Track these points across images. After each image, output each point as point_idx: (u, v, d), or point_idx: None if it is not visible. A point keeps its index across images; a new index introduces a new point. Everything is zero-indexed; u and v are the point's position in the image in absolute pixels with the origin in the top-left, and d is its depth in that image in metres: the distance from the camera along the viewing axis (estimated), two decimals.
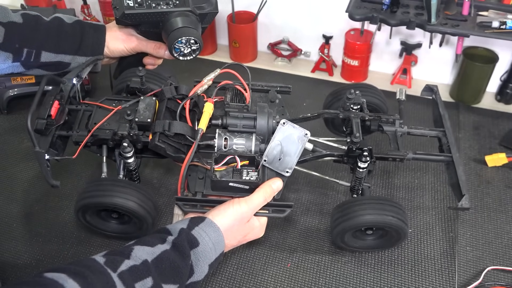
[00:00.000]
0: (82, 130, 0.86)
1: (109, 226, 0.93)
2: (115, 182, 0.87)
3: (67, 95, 0.88)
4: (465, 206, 0.85)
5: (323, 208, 1.04)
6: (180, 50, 0.89)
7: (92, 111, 0.89)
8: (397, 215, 0.85)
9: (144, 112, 0.83)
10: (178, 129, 0.79)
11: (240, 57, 1.48)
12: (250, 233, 0.75)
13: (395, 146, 0.92)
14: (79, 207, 0.85)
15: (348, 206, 0.87)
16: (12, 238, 0.98)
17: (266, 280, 0.91)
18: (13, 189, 1.08)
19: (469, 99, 1.31)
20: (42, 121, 0.82)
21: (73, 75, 0.89)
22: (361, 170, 0.86)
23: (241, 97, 0.89)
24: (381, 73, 1.42)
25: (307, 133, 0.79)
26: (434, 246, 0.97)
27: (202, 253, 0.66)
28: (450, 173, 0.93)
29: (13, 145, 1.19)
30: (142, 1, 0.85)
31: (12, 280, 0.91)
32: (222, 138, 0.80)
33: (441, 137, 0.96)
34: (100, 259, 0.58)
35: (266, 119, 0.81)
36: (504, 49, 1.24)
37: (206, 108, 0.81)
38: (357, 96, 0.93)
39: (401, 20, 1.15)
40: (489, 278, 0.92)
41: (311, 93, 1.35)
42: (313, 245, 0.97)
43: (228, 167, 0.77)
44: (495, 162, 1.12)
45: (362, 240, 0.93)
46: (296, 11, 1.39)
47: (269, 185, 0.76)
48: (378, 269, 0.93)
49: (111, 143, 0.85)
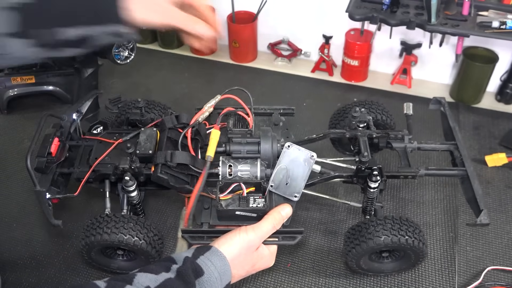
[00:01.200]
0: (83, 166, 0.85)
1: (116, 263, 0.90)
2: (119, 218, 0.83)
3: (67, 131, 0.87)
4: (484, 222, 0.80)
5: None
6: (120, 54, 0.90)
7: (92, 146, 0.87)
8: (415, 234, 0.81)
9: (145, 143, 0.81)
10: (180, 159, 0.76)
11: (240, 57, 1.48)
12: (259, 262, 0.73)
13: (405, 163, 0.89)
14: (83, 245, 0.83)
15: (361, 228, 0.83)
16: (12, 238, 0.98)
17: (266, 280, 0.91)
18: (13, 189, 1.08)
19: (469, 99, 1.31)
20: (42, 159, 0.81)
21: (73, 111, 0.89)
22: (372, 190, 0.83)
23: (244, 122, 0.87)
24: (381, 73, 1.42)
25: (313, 155, 0.76)
26: (434, 246, 0.97)
27: (207, 283, 0.63)
28: (465, 188, 0.89)
29: (13, 145, 1.19)
30: None
31: (12, 280, 0.91)
32: (226, 165, 0.77)
33: (453, 150, 0.93)
34: (101, 284, 0.57)
35: (270, 143, 0.79)
36: (504, 49, 1.24)
37: (213, 135, 0.78)
38: (363, 113, 0.90)
39: (401, 20, 1.15)
40: (489, 278, 0.91)
41: (311, 93, 1.35)
42: (312, 246, 0.97)
43: (234, 195, 0.74)
44: (495, 162, 1.12)
45: (379, 263, 0.89)
46: (296, 11, 1.39)
47: (278, 211, 0.73)
48: None
49: (113, 178, 0.84)
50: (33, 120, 1.26)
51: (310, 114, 1.27)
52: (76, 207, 1.06)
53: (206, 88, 1.38)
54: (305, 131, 1.21)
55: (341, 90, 1.37)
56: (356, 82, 1.40)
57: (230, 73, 1.44)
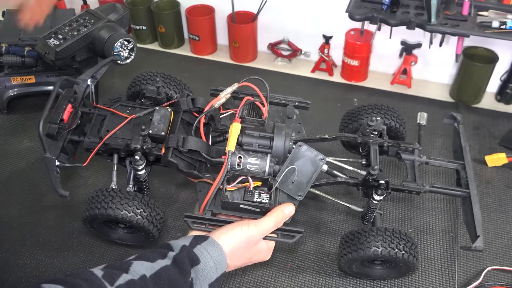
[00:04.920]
0: (94, 137, 0.85)
1: (117, 234, 0.93)
2: (123, 194, 0.83)
3: (81, 96, 0.86)
4: (478, 248, 0.81)
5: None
6: (120, 55, 0.93)
7: (105, 116, 0.87)
8: (410, 250, 0.82)
9: (159, 124, 0.81)
10: (192, 146, 0.76)
11: (240, 57, 1.48)
12: (256, 256, 0.74)
13: (412, 177, 0.89)
14: (85, 217, 0.84)
15: (357, 236, 0.84)
16: (12, 238, 0.98)
17: (266, 280, 0.91)
18: (13, 189, 1.08)
19: (469, 99, 1.31)
20: (54, 126, 0.80)
21: (87, 76, 0.89)
22: (375, 202, 0.84)
23: (258, 111, 0.87)
24: (381, 73, 1.42)
25: (323, 157, 0.77)
26: (434, 246, 0.97)
27: (202, 272, 0.65)
28: (465, 210, 0.89)
29: (13, 145, 1.19)
30: (64, 35, 0.91)
31: (12, 280, 0.91)
32: (236, 156, 0.77)
33: (460, 170, 0.92)
34: (98, 272, 0.58)
35: (283, 141, 0.78)
36: (504, 49, 1.24)
37: (234, 128, 0.78)
38: (378, 123, 0.89)
39: (401, 20, 1.15)
40: (489, 278, 0.92)
41: (311, 93, 1.35)
42: (312, 246, 0.97)
43: (240, 187, 0.75)
44: (495, 162, 1.12)
45: (370, 269, 0.90)
46: (296, 11, 1.39)
47: (281, 210, 0.73)
48: None
49: (123, 154, 0.84)
50: (33, 120, 1.26)
51: (310, 114, 1.27)
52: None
53: (206, 88, 1.37)
54: (305, 131, 1.20)
55: (341, 90, 1.37)
56: (356, 82, 1.40)
57: (230, 73, 1.44)
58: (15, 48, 1.17)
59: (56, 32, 0.93)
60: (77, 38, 0.91)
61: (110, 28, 0.93)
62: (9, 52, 1.18)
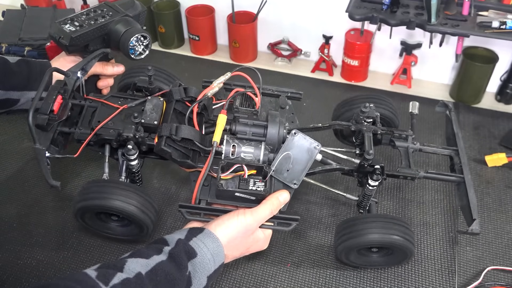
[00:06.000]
0: (85, 128, 0.84)
1: (109, 228, 0.92)
2: (116, 184, 0.83)
3: (71, 89, 0.86)
4: (475, 231, 0.82)
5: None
6: (135, 49, 0.91)
7: (96, 108, 0.86)
8: (404, 234, 0.82)
9: (151, 113, 0.81)
10: (185, 134, 0.76)
11: (240, 57, 1.48)
12: (254, 245, 0.74)
13: (406, 163, 0.89)
14: (77, 209, 0.83)
15: (353, 223, 0.84)
16: (12, 238, 0.98)
17: (266, 280, 0.91)
18: (13, 189, 1.08)
19: (469, 99, 1.31)
20: (44, 117, 0.79)
21: (77, 68, 0.88)
22: (370, 188, 0.84)
23: (251, 101, 0.87)
24: (381, 73, 1.43)
25: (318, 145, 0.77)
26: (434, 246, 0.97)
27: (200, 265, 0.64)
28: (460, 195, 0.90)
29: (13, 145, 1.19)
30: (81, 22, 0.89)
31: (12, 280, 0.91)
32: (230, 145, 0.77)
33: (454, 156, 0.94)
34: (92, 273, 0.57)
35: (277, 128, 0.78)
36: (504, 49, 1.24)
37: (220, 120, 0.78)
38: (372, 109, 0.90)
39: (401, 20, 1.15)
40: (489, 278, 0.92)
41: (311, 93, 1.35)
42: (313, 245, 0.97)
43: (234, 176, 0.75)
44: (495, 162, 1.12)
45: (367, 257, 0.90)
46: (296, 11, 1.39)
47: (276, 197, 0.73)
48: (378, 269, 0.93)
49: (114, 144, 0.83)
50: None
51: (310, 114, 1.27)
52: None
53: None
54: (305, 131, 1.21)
55: (341, 90, 1.37)
56: (356, 82, 1.40)
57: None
58: (15, 48, 1.17)
59: (72, 19, 0.91)
60: (93, 27, 0.89)
61: (128, 22, 0.92)
62: (9, 52, 1.17)
